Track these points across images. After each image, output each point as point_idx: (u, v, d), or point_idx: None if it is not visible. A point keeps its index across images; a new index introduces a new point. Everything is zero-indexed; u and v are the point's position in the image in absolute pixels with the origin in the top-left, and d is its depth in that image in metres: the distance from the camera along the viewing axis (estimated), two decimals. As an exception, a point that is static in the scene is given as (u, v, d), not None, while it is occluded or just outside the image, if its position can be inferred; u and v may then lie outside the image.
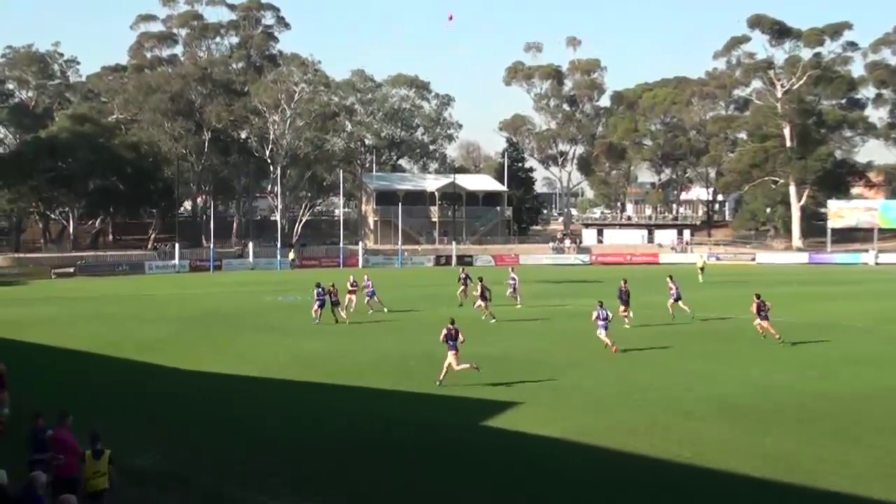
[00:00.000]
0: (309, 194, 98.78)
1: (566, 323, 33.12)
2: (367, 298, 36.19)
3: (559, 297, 43.47)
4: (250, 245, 76.39)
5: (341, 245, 78.61)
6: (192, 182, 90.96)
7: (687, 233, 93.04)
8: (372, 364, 24.12)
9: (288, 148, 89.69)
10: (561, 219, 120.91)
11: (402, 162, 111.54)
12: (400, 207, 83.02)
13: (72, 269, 65.78)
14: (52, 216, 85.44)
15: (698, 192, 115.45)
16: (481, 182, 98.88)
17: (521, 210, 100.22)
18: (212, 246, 73.20)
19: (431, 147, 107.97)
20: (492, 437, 16.99)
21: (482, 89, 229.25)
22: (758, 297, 27.19)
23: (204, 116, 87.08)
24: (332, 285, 33.62)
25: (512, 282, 38.31)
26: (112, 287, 52.47)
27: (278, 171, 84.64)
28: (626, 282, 32.07)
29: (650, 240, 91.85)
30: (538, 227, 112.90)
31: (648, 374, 22.28)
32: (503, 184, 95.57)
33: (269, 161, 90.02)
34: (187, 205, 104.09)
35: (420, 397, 20.21)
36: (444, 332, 21.10)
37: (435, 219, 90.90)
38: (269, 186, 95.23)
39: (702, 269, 56.51)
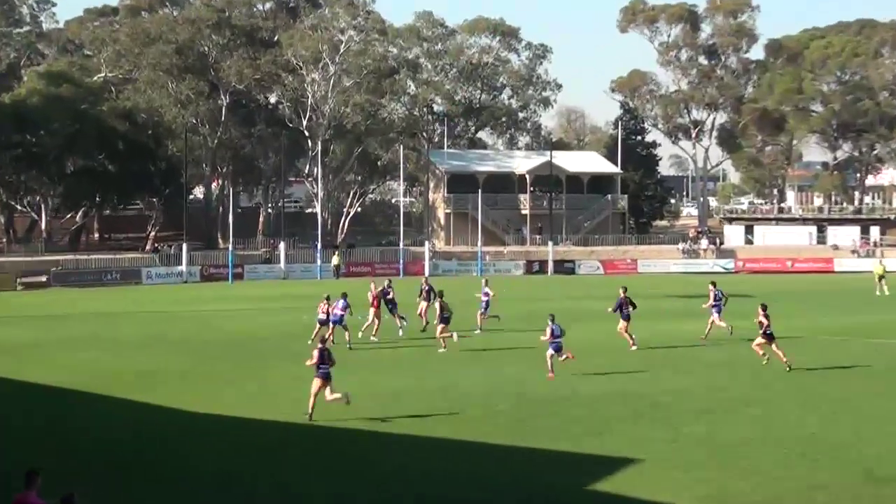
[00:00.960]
0: (359, 178, 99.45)
1: (696, 353, 32.78)
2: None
3: (687, 318, 43.23)
4: (281, 246, 77.10)
5: (401, 246, 78.84)
6: (205, 162, 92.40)
7: (875, 230, 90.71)
8: (451, 405, 24.15)
9: (331, 116, 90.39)
10: (694, 211, 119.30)
11: (483, 135, 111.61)
12: (480, 196, 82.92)
13: (44, 278, 67.13)
14: (19, 207, 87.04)
15: (892, 175, 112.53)
16: (587, 162, 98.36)
17: (640, 199, 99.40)
18: (231, 247, 74.17)
19: (521, 115, 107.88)
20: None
21: (588, 38, 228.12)
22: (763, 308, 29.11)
23: (220, 75, 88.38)
24: (388, 283, 36.63)
25: (486, 297, 39.47)
26: (98, 301, 53.42)
27: (318, 148, 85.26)
28: (625, 290, 33.80)
29: (821, 240, 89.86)
30: (663, 223, 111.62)
31: (805, 415, 21.62)
32: (616, 164, 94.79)
33: (306, 134, 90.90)
34: (198, 192, 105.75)
35: (508, 451, 20.00)
36: (317, 354, 22.81)
37: (525, 211, 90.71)
38: (307, 167, 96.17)
39: (881, 277, 56.74)
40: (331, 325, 33.79)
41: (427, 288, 39.79)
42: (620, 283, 39.01)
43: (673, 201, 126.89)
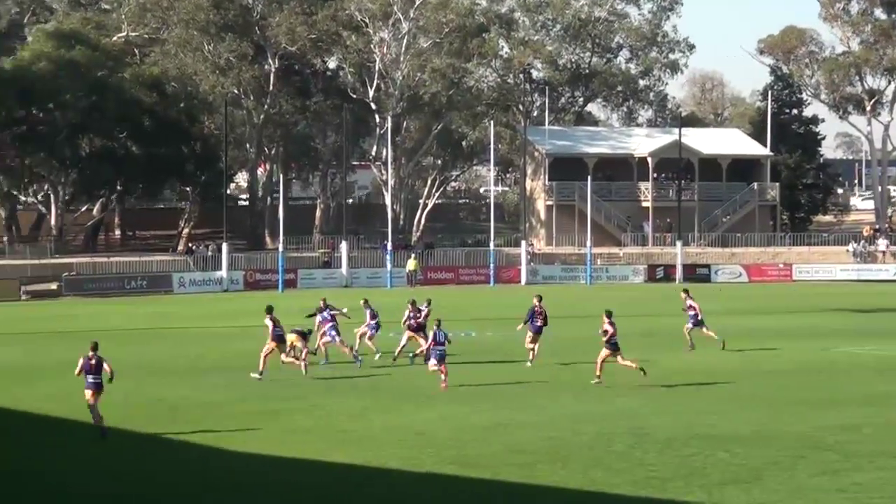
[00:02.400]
0: (438, 162, 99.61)
1: (863, 380, 32.33)
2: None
3: (857, 338, 42.65)
4: (343, 247, 77.61)
5: (491, 247, 78.77)
6: (249, 142, 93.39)
7: None
8: (554, 444, 24.02)
9: (404, 85, 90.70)
10: (869, 204, 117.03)
11: (593, 108, 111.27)
12: (589, 184, 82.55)
13: (54, 286, 68.50)
14: (23, 198, 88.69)
15: None
16: (726, 141, 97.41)
17: (797, 189, 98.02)
18: (280, 248, 74.89)
19: (642, 83, 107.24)
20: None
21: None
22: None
23: (267, 34, 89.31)
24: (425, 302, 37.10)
25: (692, 310, 40.01)
26: (119, 315, 54.14)
27: (388, 125, 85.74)
28: (540, 299, 35.61)
29: None
30: (827, 218, 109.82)
31: None
32: (764, 145, 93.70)
33: (373, 107, 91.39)
34: (241, 180, 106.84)
35: (629, 502, 19.85)
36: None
37: (647, 202, 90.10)
38: (374, 149, 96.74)
39: None
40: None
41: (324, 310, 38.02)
42: (728, 293, 38.63)
43: (840, 191, 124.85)
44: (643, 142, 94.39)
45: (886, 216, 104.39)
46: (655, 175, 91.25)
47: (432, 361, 31.35)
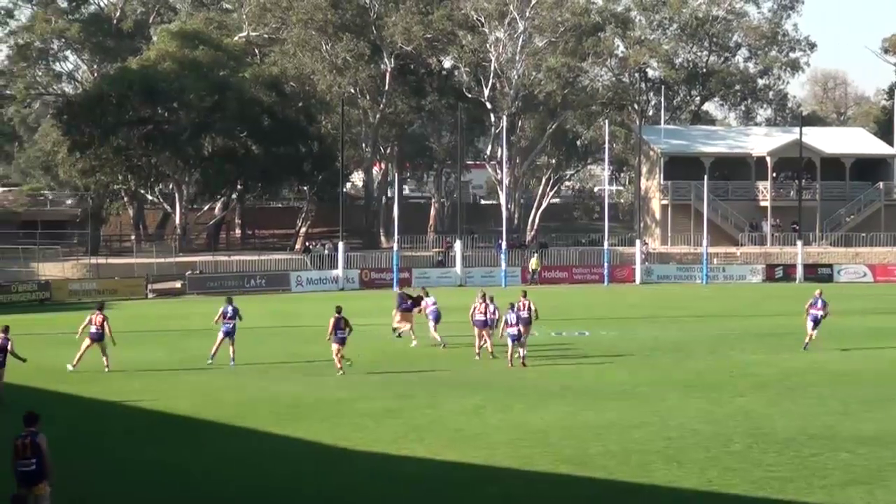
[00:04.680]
0: (553, 161, 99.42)
1: None
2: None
3: None
4: (457, 246, 77.72)
5: (606, 246, 78.37)
6: (365, 142, 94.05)
7: None
8: (668, 444, 23.89)
9: (519, 85, 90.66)
10: None
11: (710, 107, 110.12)
12: (706, 183, 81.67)
13: (178, 284, 69.64)
14: (150, 197, 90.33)
15: None
16: (850, 140, 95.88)
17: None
18: (395, 247, 75.21)
19: (761, 82, 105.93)
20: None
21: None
22: None
23: (384, 34, 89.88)
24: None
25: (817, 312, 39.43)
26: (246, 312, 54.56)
27: (503, 124, 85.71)
28: (340, 310, 34.95)
29: None
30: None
31: None
32: (890, 144, 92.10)
33: (488, 106, 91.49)
34: (357, 179, 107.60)
35: (747, 503, 19.53)
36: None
37: (766, 202, 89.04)
38: (489, 148, 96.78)
39: None
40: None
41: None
42: (852, 292, 37.74)
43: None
44: (762, 141, 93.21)
45: None
46: (774, 174, 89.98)
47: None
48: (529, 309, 36.70)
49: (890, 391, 30.69)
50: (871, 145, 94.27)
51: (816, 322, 38.89)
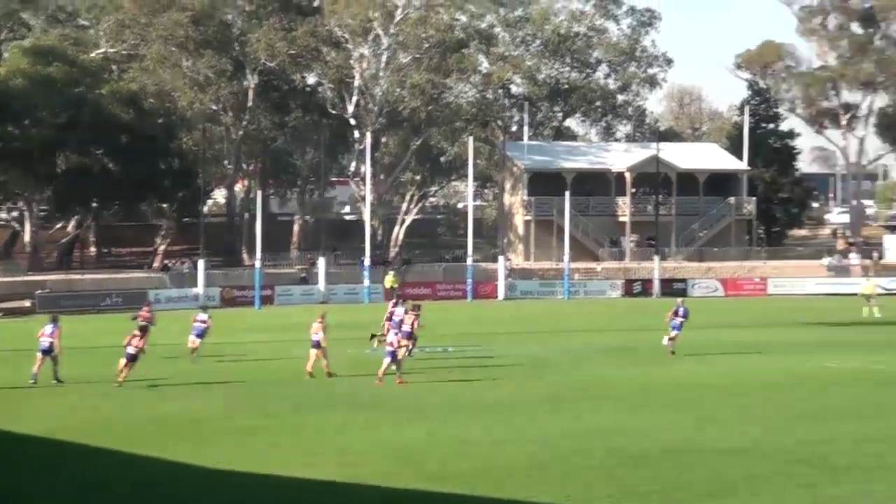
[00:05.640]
0: (417, 178, 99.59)
1: (831, 396, 32.21)
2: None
3: (830, 350, 42.98)
4: (321, 263, 77.52)
5: (469, 262, 78.80)
6: (228, 158, 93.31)
7: None
8: (530, 460, 24.00)
9: (383, 101, 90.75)
10: (844, 218, 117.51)
11: (572, 123, 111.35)
12: (567, 198, 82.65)
13: (28, 303, 67.87)
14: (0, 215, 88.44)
15: None
16: (704, 156, 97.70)
17: (773, 203, 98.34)
18: (258, 264, 74.76)
19: (621, 98, 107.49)
20: None
21: (706, 1, 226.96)
22: None
23: (247, 50, 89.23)
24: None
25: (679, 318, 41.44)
26: (93, 333, 53.76)
27: (367, 140, 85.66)
28: (324, 317, 36.46)
29: None
30: (803, 233, 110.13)
31: None
32: (741, 159, 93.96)
33: (352, 123, 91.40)
34: (219, 196, 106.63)
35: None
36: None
37: (625, 217, 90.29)
38: (353, 165, 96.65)
39: (868, 297, 61.44)
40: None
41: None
42: (705, 307, 38.63)
43: (816, 205, 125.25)
44: (621, 157, 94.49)
45: (860, 230, 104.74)
46: (633, 190, 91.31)
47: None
48: (412, 324, 37.39)
49: (745, 403, 31.40)
50: (724, 161, 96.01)
51: (677, 329, 40.68)
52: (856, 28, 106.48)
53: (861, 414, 29.47)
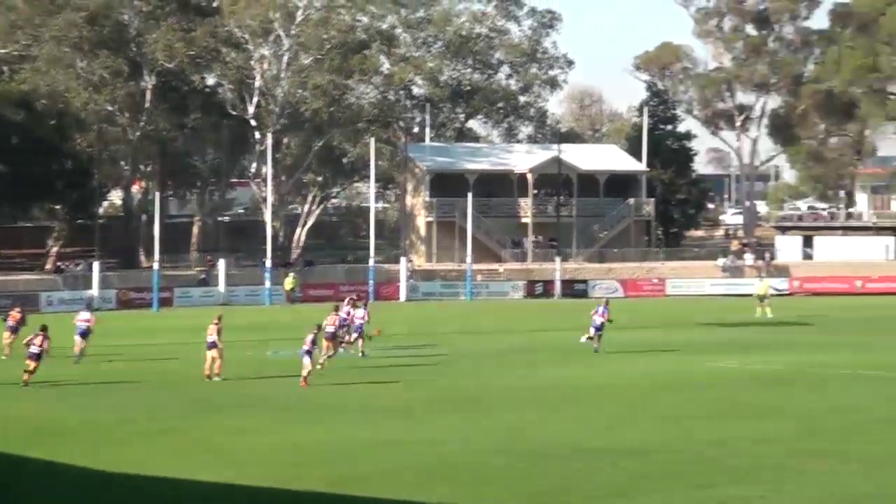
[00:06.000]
0: (319, 179, 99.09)
1: (736, 395, 32.40)
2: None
3: (728, 351, 43.68)
4: (221, 264, 76.94)
5: (371, 264, 78.67)
6: (125, 160, 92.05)
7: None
8: (437, 461, 23.99)
9: (285, 102, 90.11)
10: (738, 218, 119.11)
11: (474, 125, 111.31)
12: (470, 200, 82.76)
13: None
14: None
15: None
16: (604, 157, 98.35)
17: (671, 204, 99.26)
18: (156, 266, 74.01)
19: (522, 99, 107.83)
20: None
21: (606, 2, 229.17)
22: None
23: (144, 50, 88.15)
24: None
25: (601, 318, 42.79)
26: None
27: (268, 142, 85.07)
28: (220, 319, 37.14)
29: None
30: (700, 234, 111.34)
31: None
32: (640, 160, 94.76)
33: (253, 124, 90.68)
34: (115, 197, 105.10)
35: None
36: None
37: (527, 219, 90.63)
38: (255, 166, 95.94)
39: (762, 297, 61.88)
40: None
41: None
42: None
43: (711, 206, 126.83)
44: (523, 158, 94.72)
45: (754, 231, 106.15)
46: (535, 191, 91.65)
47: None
48: (338, 325, 38.25)
49: (647, 404, 31.67)
50: (623, 162, 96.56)
51: (598, 328, 41.41)
52: (750, 30, 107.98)
53: (757, 414, 29.83)
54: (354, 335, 42.24)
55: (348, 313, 42.48)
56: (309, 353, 34.74)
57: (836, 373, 37.60)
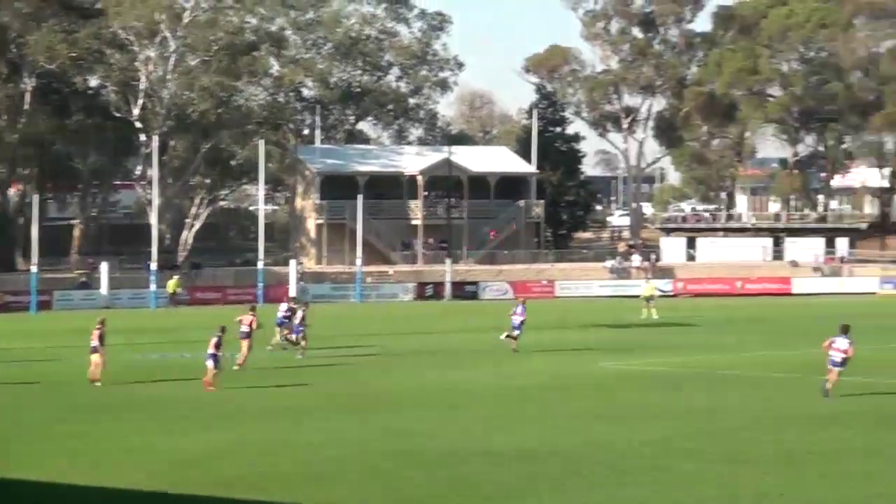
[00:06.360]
0: (207, 181, 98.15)
1: (624, 395, 32.73)
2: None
3: (613, 352, 43.81)
4: (103, 267, 75.70)
5: (260, 266, 78.07)
6: (2, 162, 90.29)
7: (843, 242, 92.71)
8: (323, 466, 23.68)
9: (171, 104, 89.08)
10: (626, 220, 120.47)
11: (365, 127, 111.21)
12: (360, 202, 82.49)
13: None
14: None
15: (864, 176, 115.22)
16: (494, 159, 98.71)
17: (559, 206, 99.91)
18: (34, 269, 72.71)
19: (412, 101, 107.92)
20: None
21: (497, 5, 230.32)
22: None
23: (24, 52, 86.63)
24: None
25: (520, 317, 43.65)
26: None
27: (154, 143, 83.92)
28: (103, 323, 36.46)
29: (777, 255, 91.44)
30: (588, 235, 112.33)
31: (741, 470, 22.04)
32: (530, 161, 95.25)
33: (138, 126, 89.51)
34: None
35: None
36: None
37: (417, 220, 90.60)
38: (140, 168, 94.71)
39: (648, 299, 62.40)
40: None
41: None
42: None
43: (599, 208, 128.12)
44: (414, 160, 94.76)
45: (640, 232, 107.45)
46: (426, 193, 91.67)
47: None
48: (251, 325, 38.30)
49: (537, 405, 31.64)
50: (513, 164, 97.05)
51: (517, 327, 42.34)
52: (637, 32, 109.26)
53: (643, 415, 29.95)
54: (297, 335, 42.34)
55: (292, 311, 43.62)
56: (214, 356, 34.18)
57: (717, 373, 37.91)
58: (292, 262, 79.37)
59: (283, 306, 44.95)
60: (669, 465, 23.61)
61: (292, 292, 75.00)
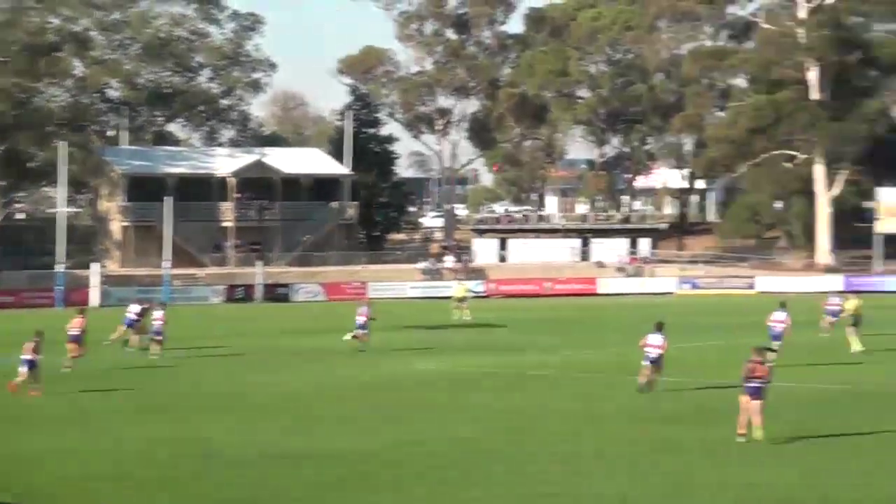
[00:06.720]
0: (3, 184, 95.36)
1: (432, 397, 32.40)
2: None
3: (428, 354, 44.11)
4: None
5: (61, 268, 75.95)
6: None
7: (645, 243, 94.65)
8: (117, 469, 22.97)
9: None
10: (439, 221, 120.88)
11: (174, 128, 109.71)
12: (169, 204, 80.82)
13: None
14: None
15: (665, 176, 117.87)
16: (308, 161, 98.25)
17: (373, 207, 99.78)
18: None
19: (224, 102, 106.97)
20: None
21: (311, 5, 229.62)
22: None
23: None
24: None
25: (362, 317, 44.04)
26: None
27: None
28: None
29: (585, 255, 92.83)
30: (401, 237, 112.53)
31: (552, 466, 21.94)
32: (343, 163, 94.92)
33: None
34: None
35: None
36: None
37: (229, 223, 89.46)
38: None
39: (460, 300, 62.87)
40: None
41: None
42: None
43: (413, 209, 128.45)
44: (225, 162, 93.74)
45: (453, 234, 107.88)
46: (237, 195, 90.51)
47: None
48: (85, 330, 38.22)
49: (349, 407, 31.41)
50: (327, 165, 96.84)
51: (362, 326, 43.43)
52: (451, 34, 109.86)
53: (454, 416, 29.83)
54: (153, 335, 42.27)
55: (143, 311, 43.93)
56: (30, 362, 32.65)
57: (528, 374, 38.05)
58: (94, 266, 77.57)
59: (134, 307, 44.83)
60: (479, 463, 23.45)
61: (94, 296, 73.63)
